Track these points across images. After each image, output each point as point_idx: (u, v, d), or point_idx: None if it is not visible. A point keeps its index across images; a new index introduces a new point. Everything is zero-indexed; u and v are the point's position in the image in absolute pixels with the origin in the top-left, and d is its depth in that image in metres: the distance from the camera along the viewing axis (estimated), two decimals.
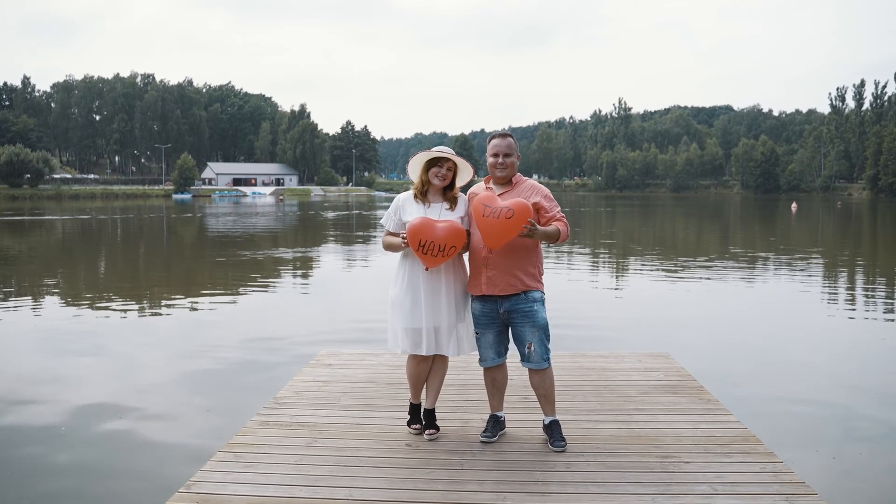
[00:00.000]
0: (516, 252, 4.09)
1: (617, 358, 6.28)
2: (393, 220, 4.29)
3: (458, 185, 4.30)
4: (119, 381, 7.49)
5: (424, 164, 4.22)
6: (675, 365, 6.02)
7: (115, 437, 5.80)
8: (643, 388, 5.35)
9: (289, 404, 4.94)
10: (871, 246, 26.52)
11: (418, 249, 3.98)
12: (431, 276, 4.14)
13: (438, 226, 4.03)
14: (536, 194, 4.18)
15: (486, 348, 4.26)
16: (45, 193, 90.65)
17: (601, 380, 5.59)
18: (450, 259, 4.07)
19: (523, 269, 4.12)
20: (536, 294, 4.14)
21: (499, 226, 3.89)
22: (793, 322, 11.17)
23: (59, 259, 21.22)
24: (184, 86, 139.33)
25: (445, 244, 3.97)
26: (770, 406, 6.59)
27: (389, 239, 4.27)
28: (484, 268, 4.11)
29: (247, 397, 6.69)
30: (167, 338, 9.73)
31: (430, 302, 4.14)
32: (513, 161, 4.20)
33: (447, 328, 4.18)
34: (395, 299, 4.23)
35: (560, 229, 4.05)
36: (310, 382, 5.48)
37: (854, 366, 8.34)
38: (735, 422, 4.56)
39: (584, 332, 9.82)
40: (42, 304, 12.65)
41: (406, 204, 4.26)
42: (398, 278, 4.25)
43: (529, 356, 4.14)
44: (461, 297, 4.26)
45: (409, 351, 4.20)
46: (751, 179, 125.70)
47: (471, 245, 4.20)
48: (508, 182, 4.23)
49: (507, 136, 4.24)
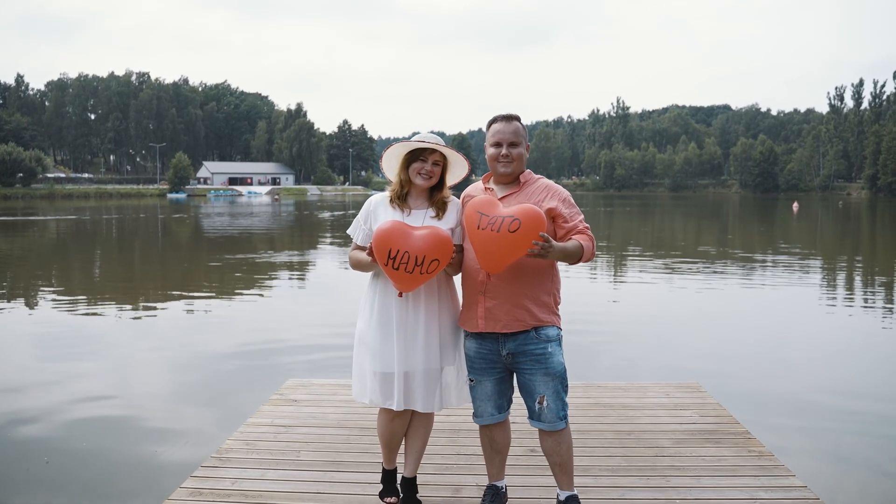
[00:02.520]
0: (524, 276, 3.06)
1: (639, 391, 5.27)
2: (362, 231, 3.27)
3: (448, 185, 3.29)
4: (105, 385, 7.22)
5: (403, 157, 3.22)
6: (708, 401, 5.02)
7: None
8: (676, 434, 4.35)
9: (233, 461, 3.92)
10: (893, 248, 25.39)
11: (388, 263, 2.95)
12: (408, 303, 3.14)
13: (416, 232, 3.03)
14: (552, 197, 3.13)
15: (483, 401, 3.22)
16: (37, 193, 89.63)
17: (623, 422, 4.59)
18: (431, 279, 3.04)
19: (534, 297, 3.08)
20: (551, 331, 3.11)
21: (500, 241, 2.86)
22: (840, 338, 9.74)
23: (38, 262, 20.17)
24: (179, 84, 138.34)
25: (424, 256, 2.94)
26: (837, 464, 5.25)
27: (357, 254, 3.27)
28: (481, 296, 3.09)
29: (202, 431, 5.71)
30: (146, 344, 9.26)
31: (406, 339, 3.12)
32: (520, 153, 3.16)
33: (428, 374, 3.16)
34: (362, 334, 3.23)
35: (583, 245, 3.02)
36: (266, 428, 4.47)
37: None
38: (801, 487, 3.56)
39: (592, 351, 8.67)
40: (15, 308, 11.91)
41: (379, 209, 3.24)
42: (365, 306, 3.25)
43: (541, 413, 3.10)
44: (449, 333, 3.24)
45: (378, 403, 3.20)
46: (749, 179, 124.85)
47: (464, 265, 3.19)
48: (515, 181, 3.20)
49: (514, 120, 3.19)
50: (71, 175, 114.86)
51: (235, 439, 4.26)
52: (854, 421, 6.20)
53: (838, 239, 29.30)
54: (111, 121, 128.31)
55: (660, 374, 7.64)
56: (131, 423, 6.00)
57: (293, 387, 5.35)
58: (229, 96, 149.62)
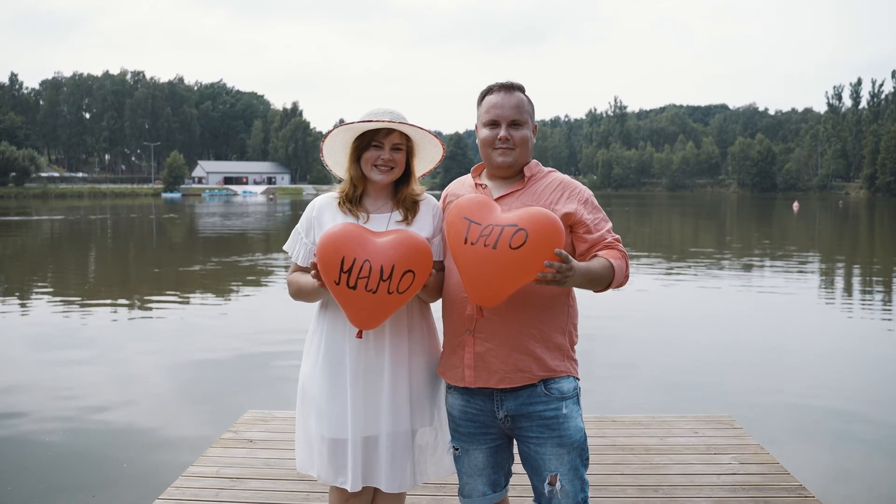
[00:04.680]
0: (530, 308, 2.20)
1: (662, 427, 4.44)
2: (304, 246, 2.41)
3: (417, 176, 2.43)
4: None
5: (351, 146, 2.35)
6: (747, 441, 4.20)
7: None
8: (714, 490, 3.53)
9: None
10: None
11: (340, 280, 2.09)
12: (368, 343, 2.29)
13: (378, 238, 2.20)
14: (569, 198, 2.29)
15: (472, 476, 2.37)
16: (30, 192, 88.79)
17: (648, 472, 3.76)
18: (402, 305, 2.19)
19: (543, 338, 2.22)
20: (566, 384, 2.26)
21: (498, 262, 2.01)
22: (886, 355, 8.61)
23: (20, 264, 19.32)
24: (175, 83, 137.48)
25: (392, 266, 2.09)
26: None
27: (298, 278, 2.40)
28: (469, 337, 2.24)
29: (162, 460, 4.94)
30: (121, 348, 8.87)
31: (365, 393, 2.28)
32: (525, 136, 2.31)
33: (395, 441, 2.31)
34: (306, 384, 2.39)
35: (614, 266, 2.19)
36: (208, 481, 3.62)
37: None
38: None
39: (601, 375, 7.36)
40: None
41: (325, 216, 2.38)
42: (311, 347, 2.41)
43: (552, 498, 2.24)
44: (425, 384, 2.39)
45: (328, 480, 2.35)
46: (747, 178, 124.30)
47: (445, 291, 2.33)
48: (517, 175, 2.36)
49: (516, 90, 2.33)
50: (65, 174, 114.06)
51: (168, 499, 3.42)
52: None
53: (860, 241, 27.90)
54: (106, 120, 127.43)
55: (682, 398, 6.67)
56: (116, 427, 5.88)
57: (250, 421, 4.51)
58: (225, 95, 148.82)
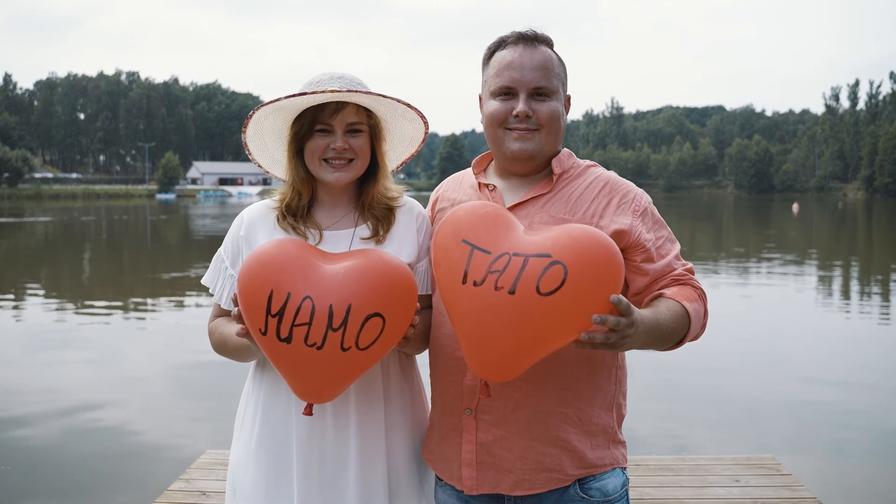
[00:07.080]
0: (560, 373, 1.49)
1: (695, 473, 3.76)
2: (229, 279, 1.71)
3: (391, 169, 1.73)
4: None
5: (290, 131, 1.65)
6: (800, 493, 3.52)
7: None
8: None
9: None
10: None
11: (266, 331, 1.38)
12: (324, 423, 1.60)
13: (329, 266, 1.46)
14: (620, 207, 1.57)
15: None
16: (24, 193, 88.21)
17: None
18: (369, 368, 1.46)
19: (581, 417, 1.53)
20: (611, 481, 1.55)
21: (516, 314, 1.27)
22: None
23: (9, 268, 18.65)
24: (170, 84, 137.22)
25: (349, 308, 1.37)
26: None
27: (221, 327, 1.70)
28: (469, 418, 1.55)
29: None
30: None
31: (321, 494, 1.58)
32: (554, 111, 1.60)
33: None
34: (236, 479, 1.68)
35: (689, 311, 1.46)
36: None
37: None
38: None
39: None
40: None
41: (258, 234, 1.70)
42: (243, 425, 1.71)
43: None
44: (406, 474, 1.69)
45: None
46: (744, 179, 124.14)
47: (433, 345, 1.62)
48: (544, 171, 1.65)
49: (540, 43, 1.61)
50: (59, 175, 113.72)
51: None
52: None
53: (877, 245, 26.98)
54: (100, 120, 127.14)
55: (714, 434, 5.83)
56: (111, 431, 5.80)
57: (207, 466, 3.82)
58: (220, 96, 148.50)
